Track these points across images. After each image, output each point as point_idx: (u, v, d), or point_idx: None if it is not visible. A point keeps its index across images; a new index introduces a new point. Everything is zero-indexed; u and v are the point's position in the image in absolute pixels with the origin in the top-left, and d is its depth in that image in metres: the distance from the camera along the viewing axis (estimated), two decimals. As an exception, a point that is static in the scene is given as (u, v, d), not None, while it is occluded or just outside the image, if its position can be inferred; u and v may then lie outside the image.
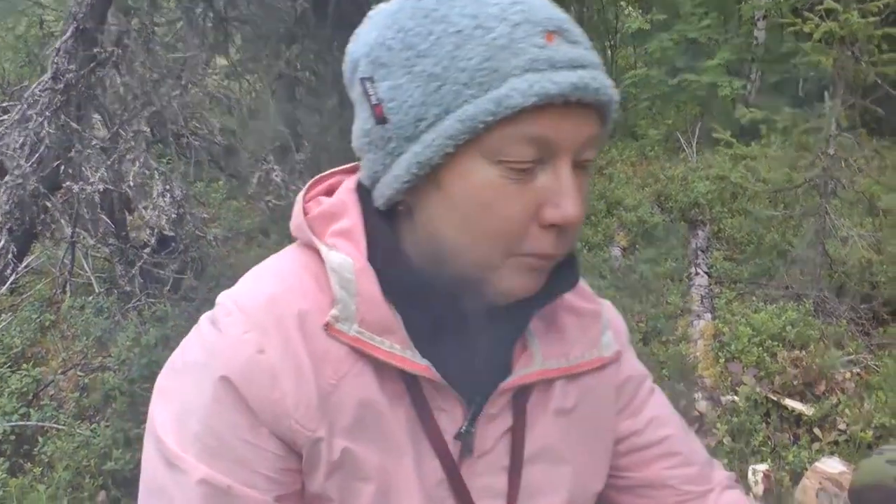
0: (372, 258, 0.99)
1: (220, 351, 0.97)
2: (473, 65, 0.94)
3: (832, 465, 2.57)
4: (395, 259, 1.00)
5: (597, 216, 5.87)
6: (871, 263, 4.35)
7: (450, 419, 1.05)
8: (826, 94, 4.49)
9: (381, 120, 0.96)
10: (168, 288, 3.93)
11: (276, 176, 3.61)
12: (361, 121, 1.00)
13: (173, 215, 3.26)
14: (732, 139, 4.54)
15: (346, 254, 0.99)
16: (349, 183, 1.06)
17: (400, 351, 0.99)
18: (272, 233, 5.05)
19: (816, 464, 2.66)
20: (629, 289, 4.69)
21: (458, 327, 1.03)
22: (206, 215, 3.77)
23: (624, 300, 4.50)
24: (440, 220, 0.98)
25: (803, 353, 3.56)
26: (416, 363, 0.99)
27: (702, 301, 4.37)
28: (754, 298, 4.35)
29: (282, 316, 0.98)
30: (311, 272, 1.01)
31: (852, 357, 3.66)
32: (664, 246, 5.42)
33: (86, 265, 4.38)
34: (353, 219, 1.02)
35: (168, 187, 3.18)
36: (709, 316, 4.17)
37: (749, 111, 4.54)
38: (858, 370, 3.52)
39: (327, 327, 0.97)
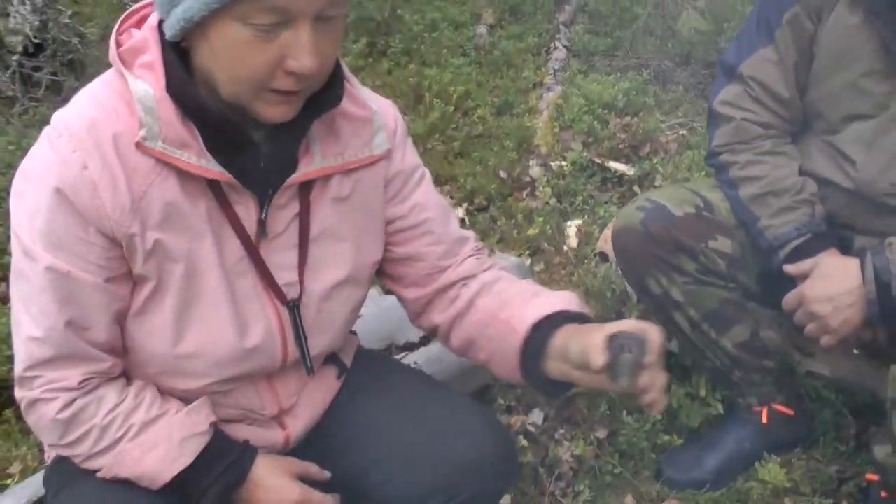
0: (169, 86, 1.30)
1: (53, 167, 1.30)
2: None
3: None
4: (185, 87, 1.30)
5: (464, -7, 5.97)
6: (721, 31, 4.61)
7: (245, 210, 1.41)
8: None
9: None
10: (45, 90, 4.05)
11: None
12: None
13: (37, 23, 3.39)
14: None
15: (149, 84, 1.29)
16: (153, 20, 1.35)
17: (196, 160, 1.31)
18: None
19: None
20: (491, 65, 4.90)
21: (244, 139, 1.36)
22: (68, 21, 3.84)
23: (484, 76, 4.74)
24: (208, 62, 1.28)
25: (635, 119, 3.91)
26: (211, 169, 1.33)
27: (555, 74, 4.59)
28: (608, 70, 4.63)
29: (100, 138, 1.29)
30: (123, 99, 1.32)
31: (681, 120, 4.00)
32: (530, 22, 5.57)
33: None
34: (153, 54, 1.31)
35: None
36: (559, 88, 4.42)
37: None
38: (684, 132, 3.87)
39: (138, 145, 1.29)
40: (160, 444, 1.41)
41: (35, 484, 1.99)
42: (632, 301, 2.68)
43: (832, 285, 1.95)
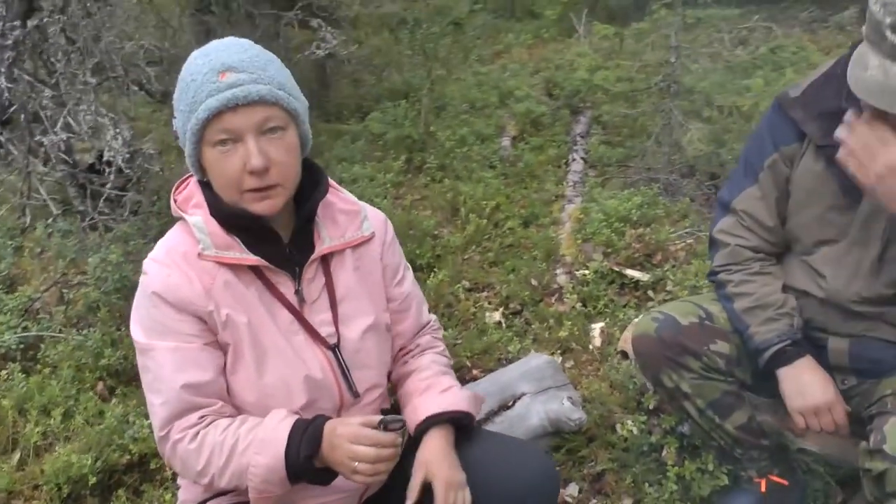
0: (211, 212, 1.87)
1: (150, 283, 1.92)
2: (189, 100, 1.77)
3: (646, 320, 3.45)
4: (221, 208, 1.87)
5: (489, 108, 6.60)
6: (721, 144, 5.20)
7: (285, 287, 1.94)
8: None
9: (177, 137, 1.88)
10: (127, 211, 4.63)
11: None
12: None
13: (126, 155, 4.00)
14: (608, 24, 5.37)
15: (199, 216, 1.88)
16: (195, 178, 1.95)
17: (238, 255, 1.87)
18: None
19: (636, 318, 3.56)
20: (515, 176, 5.47)
21: (271, 236, 1.91)
22: (153, 151, 4.45)
23: (511, 188, 5.28)
24: (213, 183, 1.85)
25: (648, 229, 4.47)
26: (250, 259, 1.88)
27: (574, 186, 5.18)
28: (623, 180, 5.18)
29: (175, 257, 1.88)
30: (186, 231, 1.90)
31: (688, 229, 4.56)
32: (549, 133, 6.12)
33: (41, 189, 5.02)
34: (198, 196, 1.92)
35: (118, 130, 3.91)
36: (579, 200, 4.99)
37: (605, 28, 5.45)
38: (691, 241, 4.43)
39: (199, 255, 1.88)
40: (265, 438, 1.82)
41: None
42: (649, 392, 3.17)
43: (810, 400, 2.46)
